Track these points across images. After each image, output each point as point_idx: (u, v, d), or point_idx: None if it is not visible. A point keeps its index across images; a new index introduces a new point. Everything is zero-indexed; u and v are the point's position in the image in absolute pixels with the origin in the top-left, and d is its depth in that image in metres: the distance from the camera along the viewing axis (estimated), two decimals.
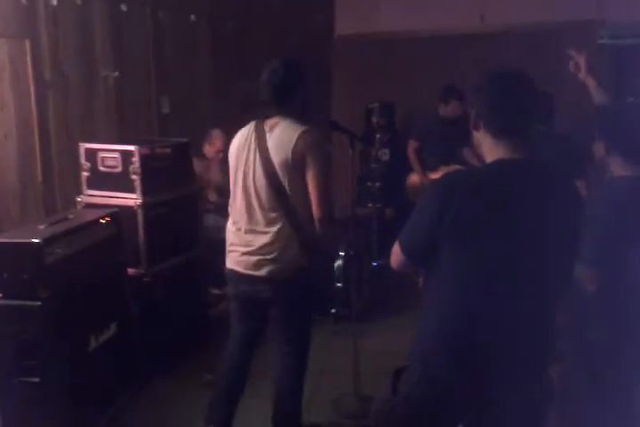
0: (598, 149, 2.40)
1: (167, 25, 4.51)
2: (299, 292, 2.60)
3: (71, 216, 3.07)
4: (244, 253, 2.58)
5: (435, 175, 5.08)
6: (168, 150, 3.63)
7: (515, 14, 5.79)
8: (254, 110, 5.39)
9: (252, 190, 2.53)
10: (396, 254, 1.78)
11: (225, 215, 2.80)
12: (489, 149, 1.73)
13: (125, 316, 3.26)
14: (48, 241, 2.67)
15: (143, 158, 3.33)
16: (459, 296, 1.66)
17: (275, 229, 2.50)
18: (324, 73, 6.65)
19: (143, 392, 3.35)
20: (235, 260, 2.63)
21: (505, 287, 1.64)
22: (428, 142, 5.30)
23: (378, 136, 5.57)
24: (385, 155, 5.71)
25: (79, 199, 3.46)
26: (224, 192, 3.46)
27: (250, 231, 2.56)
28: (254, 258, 2.55)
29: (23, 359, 2.64)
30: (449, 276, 1.67)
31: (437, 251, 1.65)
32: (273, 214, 2.51)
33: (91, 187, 3.45)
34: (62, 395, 2.72)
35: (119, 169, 3.36)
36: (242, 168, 2.56)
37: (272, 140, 2.49)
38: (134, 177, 3.32)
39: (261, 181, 2.50)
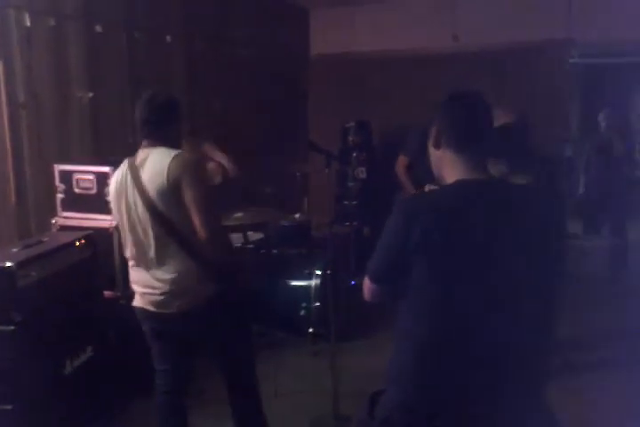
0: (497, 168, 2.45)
1: (142, 46, 4.51)
2: (215, 320, 2.52)
3: (45, 239, 3.04)
4: (147, 293, 2.50)
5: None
6: None
7: (487, 34, 5.91)
8: (228, 128, 5.44)
9: (139, 229, 2.46)
10: (367, 285, 1.77)
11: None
12: (449, 168, 1.74)
13: (101, 338, 3.21)
14: (21, 264, 2.64)
15: None
16: (432, 321, 1.65)
17: (173, 264, 2.43)
18: (301, 92, 6.70)
19: (121, 415, 3.30)
20: (142, 298, 2.54)
21: (478, 309, 1.64)
22: (421, 158, 5.31)
23: (354, 155, 5.63)
24: (361, 173, 5.75)
25: (54, 221, 3.43)
26: None
27: (148, 269, 2.48)
28: (160, 297, 2.47)
29: None
30: (419, 300, 1.66)
31: (406, 275, 1.64)
32: (166, 249, 2.42)
33: (65, 209, 3.42)
34: (36, 422, 2.66)
35: (94, 191, 3.34)
36: (124, 209, 2.49)
37: (146, 174, 2.42)
38: (109, 198, 3.30)
39: (144, 217, 2.42)
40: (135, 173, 2.44)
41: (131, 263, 2.59)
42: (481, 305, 1.64)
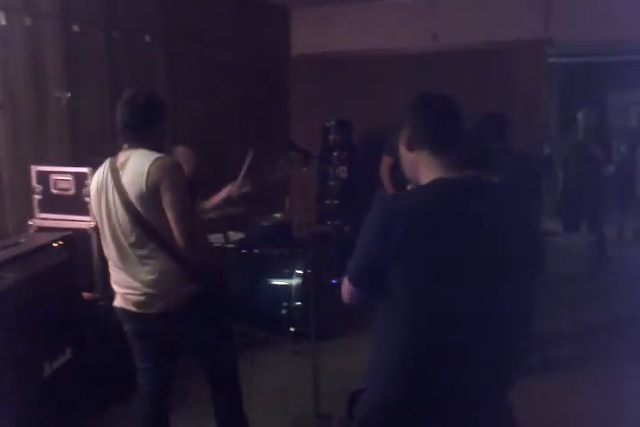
0: None
1: (121, 46, 4.48)
2: (196, 321, 2.52)
3: (23, 240, 3.02)
4: (130, 294, 2.50)
5: None
6: None
7: (467, 34, 5.95)
8: (209, 129, 5.42)
9: (118, 231, 2.45)
10: (346, 287, 1.76)
11: None
12: (425, 169, 1.73)
13: (81, 340, 3.20)
14: None
15: None
16: (409, 319, 1.65)
17: (153, 264, 2.43)
18: (282, 91, 6.70)
19: (100, 417, 3.28)
20: (123, 299, 2.54)
21: (458, 309, 1.63)
22: None
23: (335, 154, 5.63)
24: (343, 172, 5.76)
25: (31, 223, 3.40)
26: None
27: (128, 271, 2.48)
28: (141, 298, 2.47)
29: None
30: (399, 302, 1.65)
31: (385, 277, 1.63)
32: (145, 250, 2.43)
33: (43, 210, 3.40)
34: (15, 426, 2.64)
35: (72, 191, 3.32)
36: (104, 210, 2.48)
37: (126, 176, 2.41)
38: (87, 199, 3.28)
39: (124, 219, 2.41)
40: (116, 174, 2.43)
41: (110, 264, 2.58)
42: (460, 305, 1.63)
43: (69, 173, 3.33)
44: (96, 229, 3.27)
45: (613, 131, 7.47)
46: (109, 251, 2.53)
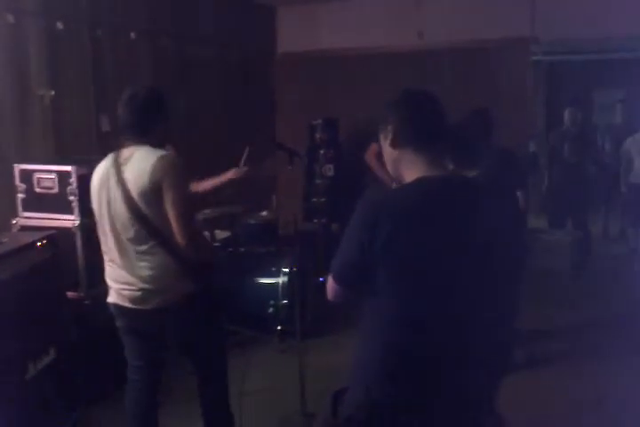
0: None
1: (106, 43, 4.46)
2: (191, 318, 2.53)
3: (5, 240, 2.98)
4: (126, 289, 2.49)
5: None
6: None
7: (452, 32, 5.96)
8: (194, 127, 5.40)
9: (118, 226, 2.45)
10: (331, 285, 1.75)
11: None
12: (408, 166, 1.73)
13: (65, 340, 3.17)
14: None
15: (81, 178, 3.27)
16: (394, 318, 1.64)
17: (151, 260, 2.43)
18: (268, 90, 6.68)
19: (86, 418, 3.26)
20: (118, 294, 2.53)
21: (443, 309, 1.63)
22: None
23: (322, 152, 5.63)
24: (329, 170, 5.76)
25: (14, 222, 3.37)
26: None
27: (126, 267, 2.47)
28: (137, 293, 2.46)
29: None
30: (384, 302, 1.64)
31: (371, 277, 1.63)
32: (144, 246, 2.43)
33: (26, 209, 3.36)
34: None
35: (56, 190, 3.29)
36: (105, 205, 2.48)
37: (129, 172, 2.41)
38: (72, 198, 3.26)
39: (125, 214, 2.41)
40: (118, 169, 2.43)
41: (107, 258, 2.57)
42: (446, 305, 1.64)
43: (53, 171, 3.30)
44: (80, 227, 3.27)
45: (599, 128, 7.52)
46: (108, 245, 2.53)
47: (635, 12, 5.29)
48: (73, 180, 3.26)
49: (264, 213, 4.64)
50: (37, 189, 3.33)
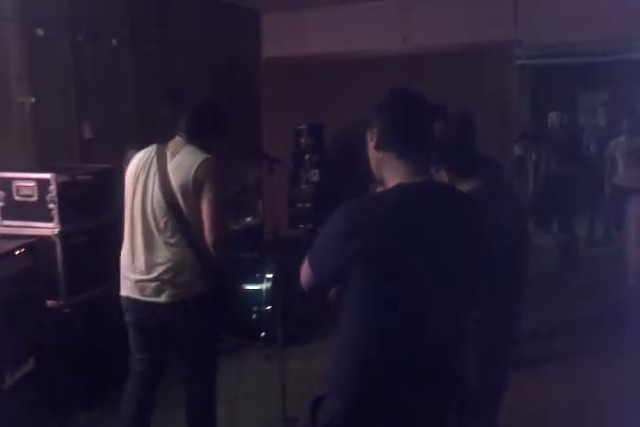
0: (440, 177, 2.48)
1: (88, 49, 4.43)
2: (200, 317, 2.59)
3: None
4: (140, 280, 2.55)
5: None
6: (89, 177, 3.56)
7: (436, 36, 5.98)
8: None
9: (149, 213, 2.54)
10: (306, 272, 1.74)
11: None
12: (391, 171, 1.71)
13: (44, 349, 3.14)
14: None
15: (61, 186, 3.26)
16: (371, 323, 1.64)
17: (173, 252, 2.52)
18: (254, 95, 6.68)
19: (70, 426, 3.24)
20: (130, 286, 2.59)
21: (418, 313, 1.63)
22: None
23: (307, 157, 5.62)
24: (314, 175, 5.74)
25: None
26: None
27: (148, 255, 2.54)
28: (153, 284, 2.53)
29: None
30: (360, 305, 1.64)
31: (347, 280, 1.62)
32: (171, 238, 2.52)
33: (5, 217, 3.34)
34: None
35: (35, 198, 3.27)
36: (140, 190, 2.58)
37: (173, 164, 2.54)
38: (51, 206, 3.24)
39: (160, 203, 2.52)
40: (163, 160, 2.56)
41: (128, 248, 2.62)
42: (424, 314, 1.63)
43: (32, 179, 3.28)
44: (60, 235, 3.25)
45: (584, 131, 7.56)
46: (134, 232, 2.59)
47: (618, 15, 5.33)
48: (52, 187, 3.24)
49: (248, 219, 4.63)
50: (17, 197, 3.31)
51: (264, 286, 4.21)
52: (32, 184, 3.28)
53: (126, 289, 2.62)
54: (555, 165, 6.03)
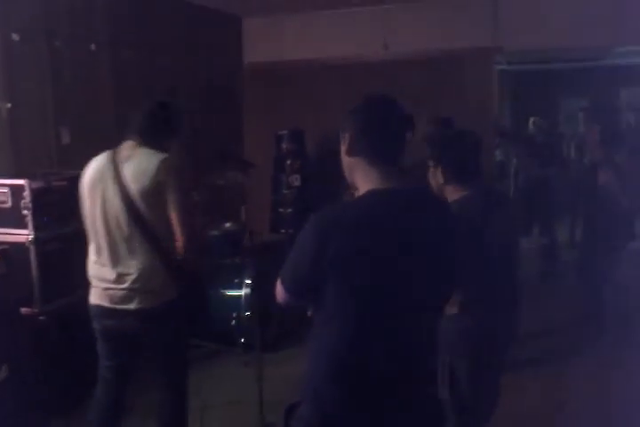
0: (436, 176, 2.47)
1: (65, 54, 4.40)
2: (170, 323, 2.57)
3: None
4: (109, 288, 2.52)
5: None
6: (64, 183, 3.52)
7: (417, 43, 6.01)
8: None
9: (112, 223, 2.48)
10: (280, 291, 1.73)
11: None
12: (362, 176, 1.70)
13: (18, 357, 3.11)
14: None
15: (35, 193, 3.24)
16: (345, 331, 1.63)
17: (141, 261, 2.47)
18: (234, 100, 6.67)
19: None
20: (99, 294, 2.56)
21: (390, 318, 1.63)
22: None
23: (288, 162, 5.62)
24: (296, 180, 5.75)
25: None
26: None
27: (114, 264, 2.50)
28: (121, 292, 2.50)
29: None
30: (333, 311, 1.63)
31: (320, 287, 1.61)
32: (136, 245, 2.47)
33: None
34: None
35: (9, 204, 3.24)
36: (99, 202, 2.51)
37: (129, 170, 2.47)
38: (25, 212, 3.22)
39: (120, 211, 2.45)
40: (117, 167, 2.48)
41: (93, 258, 2.58)
42: (397, 320, 1.63)
43: (6, 185, 3.25)
44: (34, 242, 3.22)
45: (564, 137, 7.62)
46: (99, 243, 2.54)
47: (598, 22, 5.39)
48: (27, 193, 3.21)
49: (228, 225, 4.61)
50: None
51: (243, 291, 4.19)
52: (6, 190, 3.25)
53: (95, 297, 2.59)
54: (534, 169, 6.07)
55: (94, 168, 2.56)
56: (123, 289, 2.49)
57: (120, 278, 2.49)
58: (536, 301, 5.20)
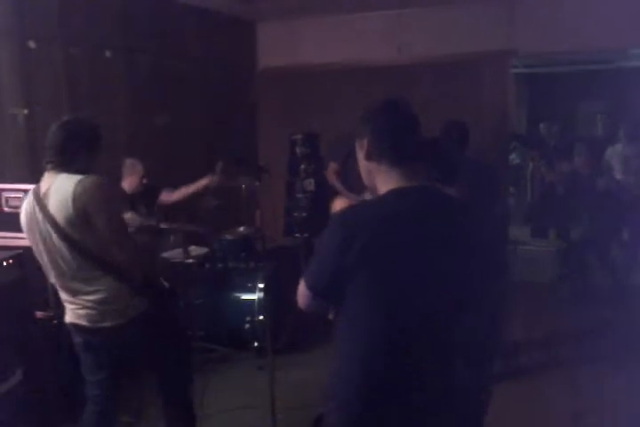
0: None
1: (80, 61, 4.45)
2: (149, 334, 2.53)
3: None
4: (82, 309, 2.48)
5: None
6: None
7: (431, 46, 5.99)
8: (173, 144, 5.37)
9: (58, 259, 2.41)
10: (303, 294, 1.71)
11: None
12: (384, 178, 1.70)
13: (33, 360, 3.13)
14: None
15: None
16: (377, 335, 1.62)
17: (99, 284, 2.42)
18: (250, 105, 6.70)
19: None
20: (75, 314, 2.52)
21: (417, 321, 1.62)
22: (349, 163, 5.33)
23: (302, 167, 5.63)
24: (310, 185, 5.75)
25: None
26: None
27: (78, 294, 2.46)
28: (93, 311, 2.45)
29: None
30: (363, 315, 1.62)
31: (345, 290, 1.60)
32: (90, 274, 2.41)
33: None
34: None
35: None
36: (39, 240, 2.44)
37: (52, 204, 2.37)
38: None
39: (62, 248, 2.37)
40: (41, 203, 2.39)
41: (57, 287, 2.56)
42: (428, 319, 1.63)
43: (22, 190, 3.27)
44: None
45: (582, 141, 7.54)
46: (54, 279, 2.51)
47: (613, 24, 5.33)
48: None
49: (241, 229, 4.62)
50: (6, 209, 3.32)
51: (256, 295, 4.20)
52: (21, 195, 3.27)
53: (70, 316, 2.55)
54: (549, 174, 6.02)
55: (24, 212, 2.49)
56: (92, 310, 2.45)
57: (84, 305, 2.45)
58: (558, 303, 5.20)
